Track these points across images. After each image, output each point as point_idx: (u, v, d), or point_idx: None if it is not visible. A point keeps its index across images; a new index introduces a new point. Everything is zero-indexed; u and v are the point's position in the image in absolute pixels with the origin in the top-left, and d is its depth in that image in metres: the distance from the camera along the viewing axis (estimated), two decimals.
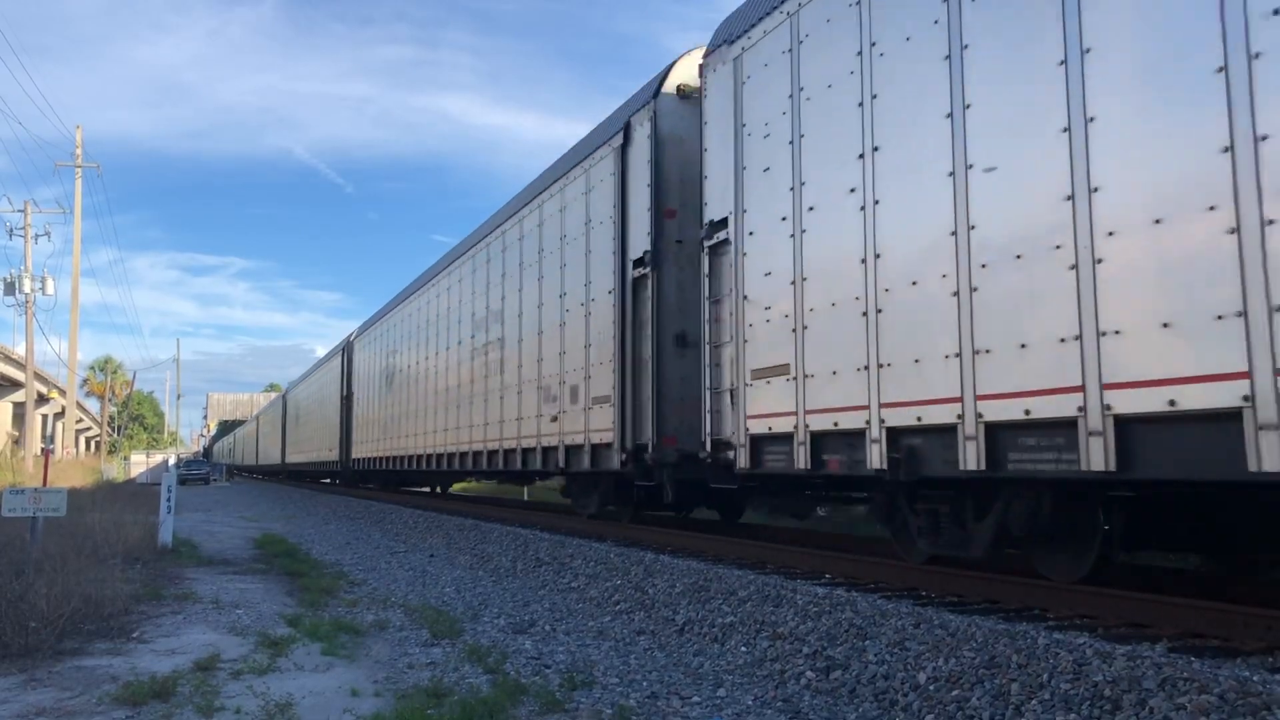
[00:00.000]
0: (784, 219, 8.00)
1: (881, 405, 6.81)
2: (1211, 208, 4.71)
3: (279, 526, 20.54)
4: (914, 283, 6.57)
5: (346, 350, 30.62)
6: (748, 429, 8.42)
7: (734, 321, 8.73)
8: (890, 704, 5.24)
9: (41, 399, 55.83)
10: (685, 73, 11.01)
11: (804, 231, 7.77)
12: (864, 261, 7.00)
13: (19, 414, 52.63)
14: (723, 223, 9.05)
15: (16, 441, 46.63)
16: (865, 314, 6.95)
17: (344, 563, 13.15)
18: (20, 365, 45.40)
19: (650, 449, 10.53)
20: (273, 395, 75.40)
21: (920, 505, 7.21)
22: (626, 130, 11.51)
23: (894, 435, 6.72)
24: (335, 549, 15.23)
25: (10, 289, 41.03)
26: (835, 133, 7.46)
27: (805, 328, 7.68)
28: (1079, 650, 4.73)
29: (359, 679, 6.11)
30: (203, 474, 57.81)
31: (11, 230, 42.24)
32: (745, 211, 8.67)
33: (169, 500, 14.31)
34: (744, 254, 8.64)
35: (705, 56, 9.77)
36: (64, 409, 53.60)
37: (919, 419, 6.47)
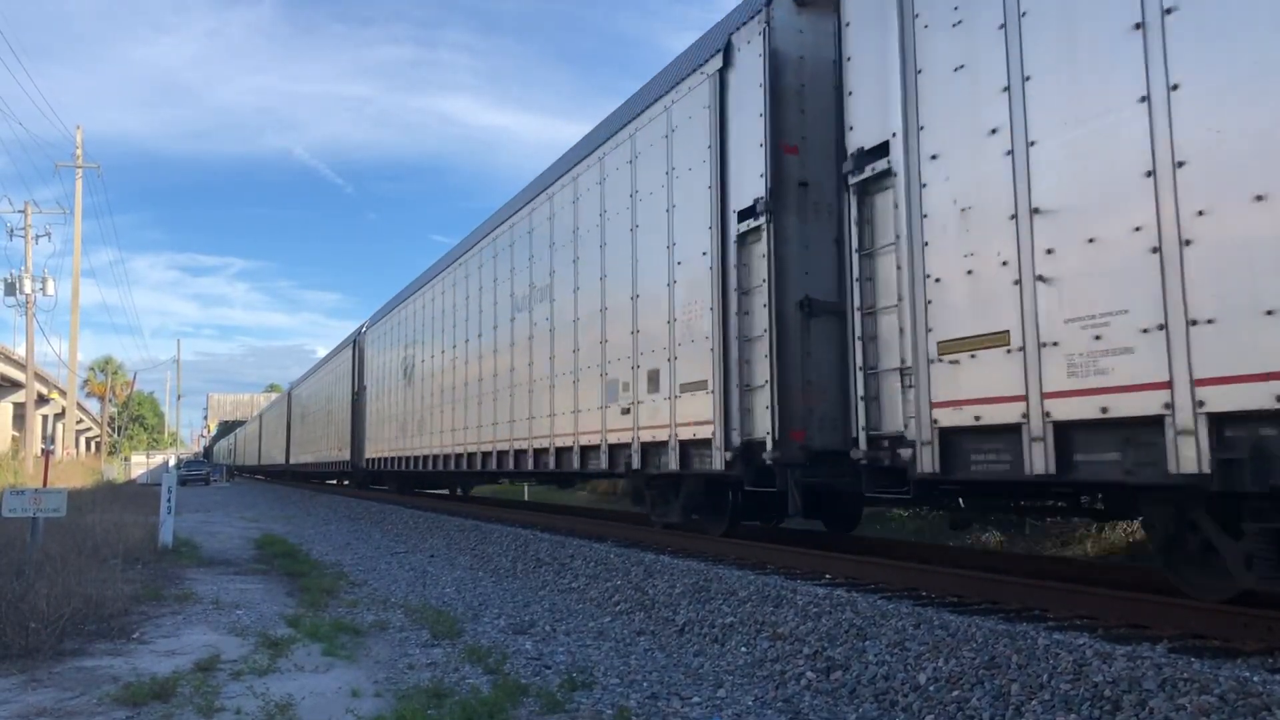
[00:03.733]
0: (993, 131, 6.01)
1: (1195, 383, 4.75)
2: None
3: (279, 527, 20.53)
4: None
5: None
6: (934, 420, 6.35)
7: (904, 278, 6.64)
8: (890, 704, 5.25)
9: (42, 400, 55.82)
10: None
11: (1033, 144, 5.75)
12: (1150, 174, 5.04)
13: (19, 415, 52.61)
14: (881, 149, 6.95)
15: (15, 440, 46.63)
16: (1157, 249, 4.98)
17: (344, 563, 13.15)
18: (20, 366, 45.38)
19: (770, 446, 8.16)
20: (273, 396, 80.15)
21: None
22: (727, 51, 8.97)
23: (1218, 423, 4.68)
24: (335, 549, 15.23)
25: (11, 289, 41.00)
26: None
27: (1041, 278, 5.64)
28: (1079, 651, 4.73)
29: (359, 679, 6.11)
30: (203, 474, 57.77)
31: (12, 231, 42.26)
32: (923, 129, 6.59)
33: (169, 501, 14.31)
34: (923, 185, 6.55)
35: None
36: (64, 410, 53.62)
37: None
